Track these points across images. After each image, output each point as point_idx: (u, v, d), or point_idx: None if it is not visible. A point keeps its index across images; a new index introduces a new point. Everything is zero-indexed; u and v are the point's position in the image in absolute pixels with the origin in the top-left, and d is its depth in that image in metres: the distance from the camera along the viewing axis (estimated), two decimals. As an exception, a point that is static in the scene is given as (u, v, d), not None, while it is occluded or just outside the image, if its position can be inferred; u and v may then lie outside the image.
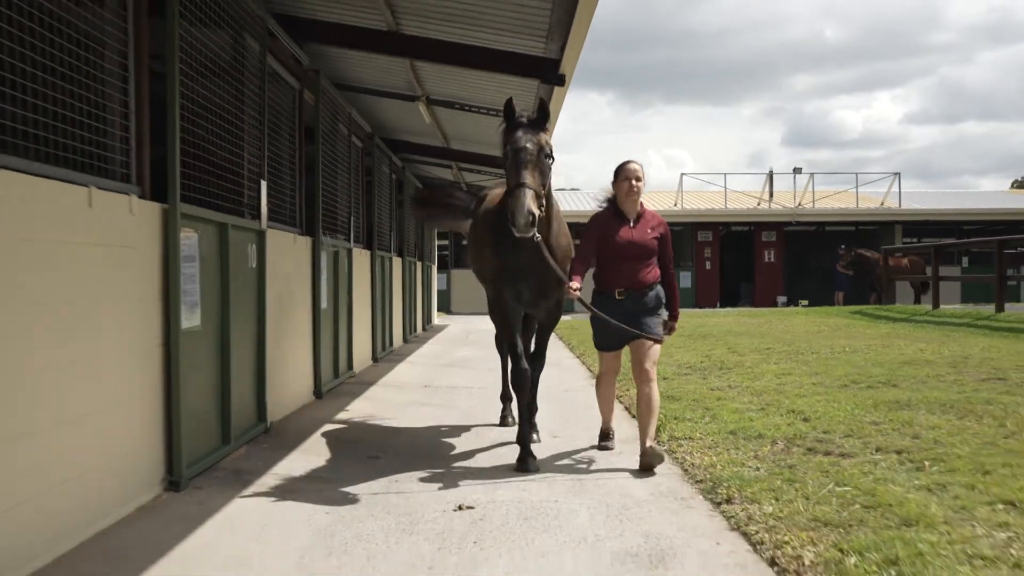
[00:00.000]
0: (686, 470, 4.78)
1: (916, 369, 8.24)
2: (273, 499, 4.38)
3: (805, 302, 27.31)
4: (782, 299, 28.22)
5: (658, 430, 5.52)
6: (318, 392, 7.93)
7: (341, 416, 7.00)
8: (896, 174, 28.96)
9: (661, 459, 4.81)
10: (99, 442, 3.83)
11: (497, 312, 5.55)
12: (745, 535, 3.62)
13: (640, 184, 5.12)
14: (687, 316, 17.84)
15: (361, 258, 10.47)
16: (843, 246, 25.77)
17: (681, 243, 27.08)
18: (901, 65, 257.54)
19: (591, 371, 9.67)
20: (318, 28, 7.28)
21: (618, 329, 5.00)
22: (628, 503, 4.18)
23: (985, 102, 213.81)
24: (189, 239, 4.68)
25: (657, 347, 5.07)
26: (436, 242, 22.29)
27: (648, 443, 4.82)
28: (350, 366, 9.50)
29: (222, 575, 3.31)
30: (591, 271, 5.20)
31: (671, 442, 5.44)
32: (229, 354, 5.29)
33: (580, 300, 4.96)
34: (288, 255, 7.01)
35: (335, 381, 8.66)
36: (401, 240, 14.73)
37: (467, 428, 6.43)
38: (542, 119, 4.88)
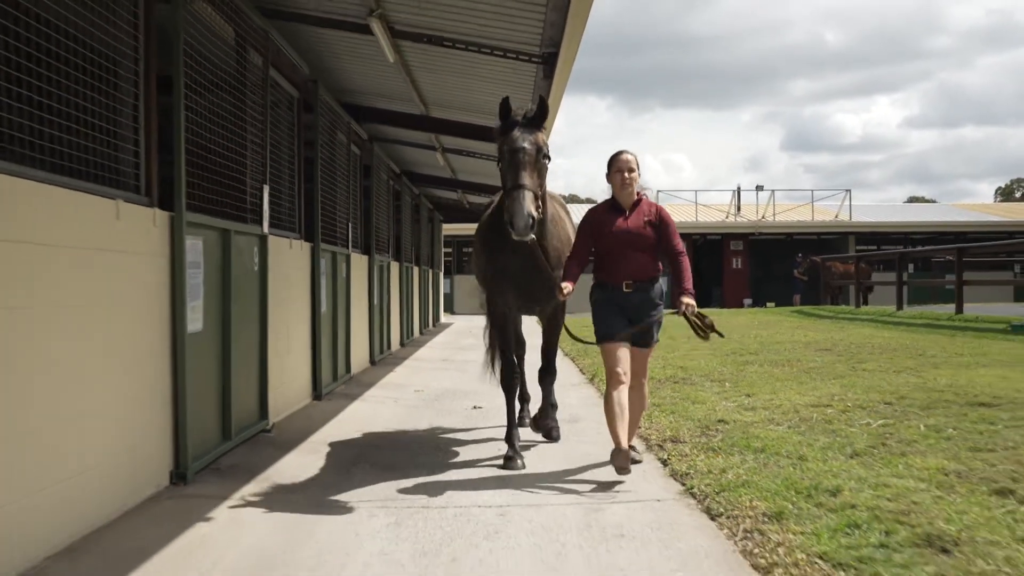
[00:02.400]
0: (599, 391, 8.40)
1: (782, 345, 11.90)
2: (373, 403, 8.02)
3: (772, 304, 30.77)
4: (748, 301, 31.75)
5: (592, 379, 9.10)
6: (372, 361, 11.58)
7: (391, 374, 10.64)
8: (847, 191, 32.86)
9: (630, 463, 4.77)
10: (297, 365, 7.52)
11: (491, 315, 5.70)
12: (619, 412, 7.24)
13: (633, 175, 4.97)
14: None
15: (394, 268, 14.12)
16: (800, 254, 29.43)
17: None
18: (900, 69, 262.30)
19: (564, 351, 13.24)
20: (376, 114, 10.95)
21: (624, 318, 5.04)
22: (566, 405, 7.78)
23: (983, 107, 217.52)
24: (323, 262, 8.32)
25: (649, 353, 5.23)
26: (442, 250, 25.93)
27: (631, 442, 5.03)
28: (388, 346, 13.15)
29: (367, 422, 6.93)
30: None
31: (596, 380, 9.07)
32: (337, 329, 8.93)
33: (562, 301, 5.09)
34: (358, 268, 10.65)
35: (381, 355, 12.31)
36: (418, 252, 18.36)
37: (477, 380, 10.02)
38: (540, 116, 4.66)
